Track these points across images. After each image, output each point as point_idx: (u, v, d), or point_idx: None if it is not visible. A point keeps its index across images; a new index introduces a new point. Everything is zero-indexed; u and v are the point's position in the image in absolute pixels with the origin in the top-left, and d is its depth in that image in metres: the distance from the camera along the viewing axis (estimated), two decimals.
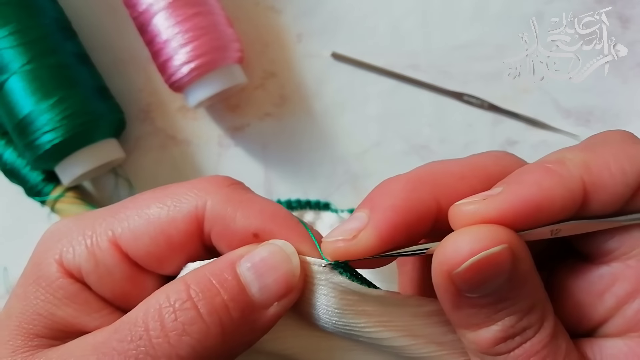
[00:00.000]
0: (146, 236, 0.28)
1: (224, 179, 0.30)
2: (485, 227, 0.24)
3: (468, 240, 0.24)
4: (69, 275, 0.28)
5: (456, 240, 0.24)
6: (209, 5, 0.51)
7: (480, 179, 0.27)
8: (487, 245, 0.24)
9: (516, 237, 0.24)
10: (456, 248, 0.24)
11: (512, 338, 0.25)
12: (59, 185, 0.53)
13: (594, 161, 0.25)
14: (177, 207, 0.28)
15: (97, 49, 0.54)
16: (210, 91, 0.50)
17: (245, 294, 0.26)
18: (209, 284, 0.26)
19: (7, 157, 0.53)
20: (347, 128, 0.55)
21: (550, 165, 0.26)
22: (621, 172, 0.25)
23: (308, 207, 0.53)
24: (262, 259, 0.27)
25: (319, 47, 0.55)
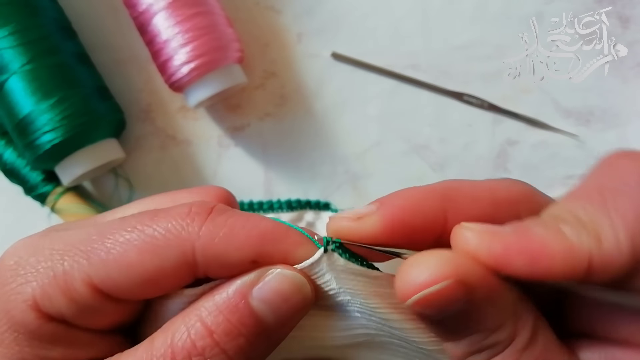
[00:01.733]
0: (130, 284, 0.27)
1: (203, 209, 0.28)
2: (434, 259, 0.25)
3: (416, 273, 0.24)
4: (50, 319, 0.27)
5: (407, 271, 0.25)
6: (209, 5, 0.51)
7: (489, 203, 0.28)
8: (433, 281, 0.24)
9: (471, 268, 0.25)
10: (405, 281, 0.25)
11: (479, 352, 0.26)
12: (59, 185, 0.53)
13: (606, 233, 0.24)
14: (162, 256, 0.27)
15: (97, 49, 0.54)
16: (210, 91, 0.50)
17: (263, 326, 0.27)
18: (230, 326, 0.26)
19: (7, 157, 0.53)
20: (347, 128, 0.55)
21: (565, 228, 0.25)
22: (631, 246, 0.24)
23: (308, 207, 0.53)
24: (275, 291, 0.27)
25: (319, 47, 0.55)
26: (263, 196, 0.54)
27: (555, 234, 0.25)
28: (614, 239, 0.24)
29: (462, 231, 0.26)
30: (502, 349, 0.25)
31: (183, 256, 0.27)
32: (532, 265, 0.24)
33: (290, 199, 0.53)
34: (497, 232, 0.25)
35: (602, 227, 0.24)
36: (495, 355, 0.26)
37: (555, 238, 0.25)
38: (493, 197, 0.28)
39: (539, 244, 0.24)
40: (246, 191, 0.54)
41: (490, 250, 0.25)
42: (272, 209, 0.52)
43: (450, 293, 0.24)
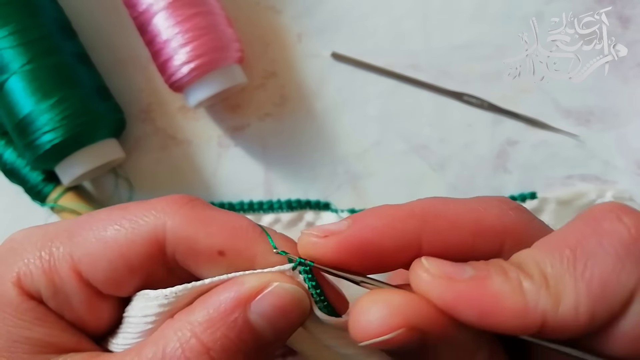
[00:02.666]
0: (105, 261, 0.28)
1: (181, 198, 0.29)
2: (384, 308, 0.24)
3: (366, 320, 0.24)
4: (31, 298, 0.28)
5: (358, 317, 0.25)
6: (209, 5, 0.51)
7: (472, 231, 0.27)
8: (383, 331, 0.24)
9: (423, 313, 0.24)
10: (357, 326, 0.25)
11: None
12: (59, 185, 0.53)
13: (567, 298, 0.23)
14: (135, 229, 0.28)
15: (97, 49, 0.54)
16: (210, 91, 0.50)
17: (261, 342, 0.26)
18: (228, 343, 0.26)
19: (7, 157, 0.53)
20: (347, 128, 0.55)
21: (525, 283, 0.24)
22: (589, 317, 0.23)
23: (308, 207, 0.53)
24: (274, 307, 0.26)
25: (319, 47, 0.55)
26: (263, 196, 0.54)
27: (513, 289, 0.24)
28: (573, 305, 0.23)
29: (418, 271, 0.26)
30: None
31: (154, 232, 0.27)
32: (481, 318, 0.24)
33: (290, 199, 0.53)
34: (452, 278, 0.25)
35: (564, 290, 0.24)
36: None
37: (512, 294, 0.24)
38: (477, 226, 0.27)
39: (492, 299, 0.24)
40: (246, 191, 0.54)
41: (441, 297, 0.25)
42: (272, 209, 0.53)
43: (402, 339, 0.24)
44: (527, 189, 0.53)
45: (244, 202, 0.53)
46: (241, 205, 0.53)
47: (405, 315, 0.24)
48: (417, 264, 0.26)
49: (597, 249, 0.24)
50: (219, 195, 0.54)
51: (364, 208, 0.52)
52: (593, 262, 0.24)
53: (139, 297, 0.29)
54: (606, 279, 0.23)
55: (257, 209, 0.53)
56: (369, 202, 0.54)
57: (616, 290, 0.23)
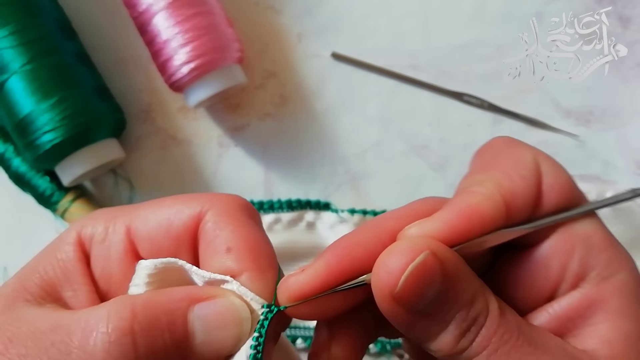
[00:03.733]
0: (153, 220, 0.30)
1: (240, 199, 0.31)
2: (404, 242, 0.27)
3: (395, 258, 0.26)
4: (79, 244, 0.30)
5: (385, 262, 0.26)
6: (209, 5, 0.51)
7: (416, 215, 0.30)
8: (412, 257, 0.26)
9: (435, 242, 0.27)
10: (387, 269, 0.26)
11: (468, 330, 0.27)
12: (69, 193, 0.53)
13: (501, 178, 0.29)
14: (188, 205, 0.30)
15: (97, 49, 0.54)
16: (210, 91, 0.50)
17: (187, 342, 0.26)
18: (156, 322, 0.26)
19: (16, 165, 0.53)
20: (347, 128, 0.55)
21: (471, 189, 0.29)
22: (522, 178, 0.29)
23: (308, 207, 0.53)
24: (216, 313, 0.27)
25: (319, 47, 0.55)
26: (263, 196, 0.54)
27: (468, 194, 0.29)
28: (509, 178, 0.29)
29: (405, 233, 0.28)
30: (484, 320, 0.27)
31: (199, 209, 0.30)
32: (470, 222, 0.27)
33: (290, 199, 0.53)
34: (430, 218, 0.28)
35: (497, 176, 0.29)
36: (480, 328, 0.27)
37: (471, 196, 0.28)
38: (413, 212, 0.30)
39: (466, 206, 0.28)
40: (246, 191, 0.54)
41: (436, 229, 0.27)
42: (272, 209, 0.53)
43: (430, 265, 0.26)
44: None
45: None
46: None
47: (425, 242, 0.26)
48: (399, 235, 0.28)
49: (495, 152, 0.33)
50: None
51: (364, 208, 0.52)
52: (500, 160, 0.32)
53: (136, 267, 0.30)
54: (513, 158, 0.31)
55: (257, 209, 0.52)
56: (369, 202, 0.54)
57: (524, 159, 0.31)
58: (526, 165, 0.30)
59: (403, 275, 0.25)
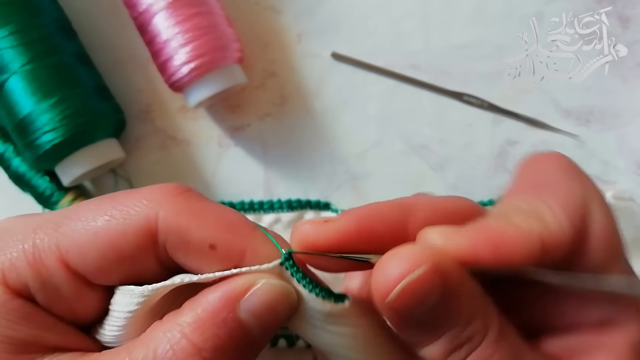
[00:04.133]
0: (94, 251, 0.27)
1: (175, 187, 0.28)
2: (408, 250, 0.25)
3: (395, 264, 0.25)
4: (18, 295, 0.27)
5: (384, 266, 0.25)
6: (209, 5, 0.51)
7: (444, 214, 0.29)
8: (412, 268, 0.25)
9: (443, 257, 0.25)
10: (385, 274, 0.25)
11: (460, 348, 0.26)
12: (69, 193, 0.53)
13: (548, 216, 0.27)
14: (127, 219, 0.27)
15: (97, 49, 0.54)
16: (210, 91, 0.50)
17: (250, 336, 0.27)
18: (219, 342, 0.26)
19: (16, 164, 0.53)
20: (347, 128, 0.55)
21: (514, 218, 0.27)
22: (571, 224, 0.27)
23: (308, 207, 0.53)
24: (263, 303, 0.27)
25: (319, 47, 0.55)
26: (263, 196, 0.54)
27: (508, 224, 0.27)
28: (556, 219, 0.27)
29: (428, 234, 0.27)
30: (479, 342, 0.26)
31: (146, 222, 0.27)
32: (497, 253, 0.26)
33: (290, 199, 0.53)
34: (459, 230, 0.27)
35: (543, 212, 0.27)
36: (473, 349, 0.26)
37: (510, 227, 0.27)
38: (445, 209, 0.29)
39: (499, 234, 0.26)
40: (246, 191, 0.54)
41: (458, 245, 0.26)
42: (272, 209, 0.52)
43: (428, 278, 0.25)
44: None
45: (244, 202, 0.53)
46: (241, 205, 0.53)
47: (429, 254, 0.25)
48: (424, 232, 0.27)
49: (547, 180, 0.29)
50: (219, 195, 0.54)
51: None
52: (551, 189, 0.29)
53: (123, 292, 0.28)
54: (564, 194, 0.28)
55: (257, 209, 0.53)
56: (369, 202, 0.53)
57: (575, 199, 0.28)
58: (576, 206, 0.28)
59: (399, 285, 0.25)
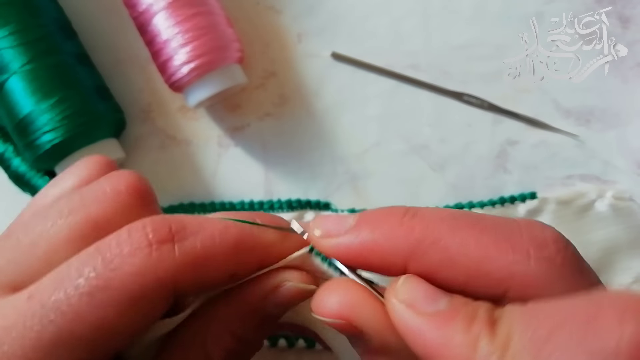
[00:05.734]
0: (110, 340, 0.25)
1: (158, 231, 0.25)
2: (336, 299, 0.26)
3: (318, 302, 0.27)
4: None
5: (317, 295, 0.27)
6: (209, 5, 0.51)
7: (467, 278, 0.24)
8: (326, 314, 0.26)
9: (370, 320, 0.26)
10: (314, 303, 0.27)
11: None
12: None
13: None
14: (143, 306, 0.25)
15: (97, 49, 0.54)
16: (210, 91, 0.50)
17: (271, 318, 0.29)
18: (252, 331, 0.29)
19: (16, 164, 0.53)
20: (347, 128, 0.55)
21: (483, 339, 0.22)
22: None
23: (308, 207, 0.53)
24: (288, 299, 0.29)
25: (319, 47, 0.55)
26: (263, 196, 0.54)
27: (467, 343, 0.22)
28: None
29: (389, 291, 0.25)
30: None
31: (165, 292, 0.25)
32: (424, 355, 0.23)
33: (290, 199, 0.53)
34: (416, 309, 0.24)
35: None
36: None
37: (463, 347, 0.22)
38: (476, 270, 0.24)
39: (441, 346, 0.22)
40: (246, 191, 0.54)
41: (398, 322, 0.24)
42: (272, 209, 0.53)
43: (341, 328, 0.26)
44: (527, 189, 0.53)
45: (244, 202, 0.53)
46: (241, 205, 0.53)
47: (353, 311, 0.26)
48: (393, 284, 0.25)
49: (575, 350, 0.20)
50: (219, 195, 0.54)
51: (364, 208, 0.52)
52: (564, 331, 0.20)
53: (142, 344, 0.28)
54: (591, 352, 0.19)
55: (257, 209, 0.53)
56: (369, 202, 0.54)
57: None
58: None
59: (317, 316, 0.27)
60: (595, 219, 0.51)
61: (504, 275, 0.24)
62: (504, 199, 0.51)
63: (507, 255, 0.24)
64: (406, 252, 0.25)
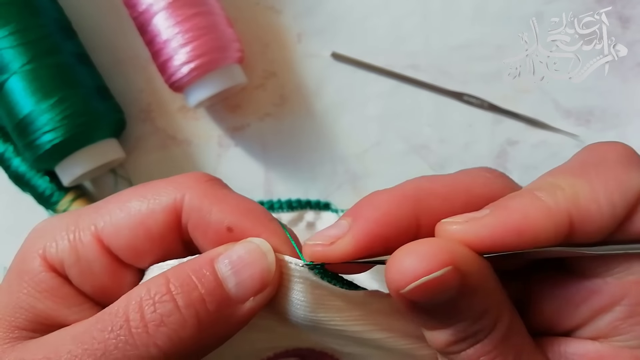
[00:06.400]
0: (126, 229, 0.29)
1: (203, 175, 0.31)
2: (429, 247, 0.25)
3: (411, 262, 0.24)
4: (51, 269, 0.29)
5: (400, 261, 0.25)
6: (209, 5, 0.51)
7: (463, 202, 0.28)
8: (429, 268, 0.24)
9: (464, 254, 0.25)
10: (400, 270, 0.25)
11: (463, 341, 0.26)
12: (69, 193, 0.52)
13: (584, 192, 0.25)
14: (157, 200, 0.29)
15: (97, 49, 0.54)
16: (210, 91, 0.50)
17: (221, 289, 0.27)
18: (188, 279, 0.27)
19: (16, 165, 0.53)
20: (347, 128, 0.55)
21: (539, 194, 0.26)
22: (610, 205, 0.25)
23: (308, 207, 0.53)
24: (239, 257, 0.28)
25: (319, 47, 0.55)
26: (263, 196, 0.54)
27: (532, 201, 0.26)
28: (593, 199, 0.25)
29: (446, 227, 0.26)
30: (483, 337, 0.26)
31: (173, 203, 0.29)
32: (520, 238, 0.25)
33: (290, 199, 0.53)
34: (474, 218, 0.26)
35: (581, 188, 0.25)
36: (475, 343, 0.26)
37: (533, 205, 0.25)
38: (467, 197, 0.28)
39: (521, 217, 0.25)
40: (246, 191, 0.53)
41: (477, 235, 0.25)
42: (272, 209, 0.53)
43: (446, 280, 0.24)
44: None
45: None
46: None
47: (450, 253, 0.24)
48: (441, 225, 0.27)
49: (603, 162, 0.27)
50: None
51: None
52: (604, 170, 0.26)
53: (152, 270, 0.30)
54: (618, 179, 0.25)
55: None
56: None
57: (630, 187, 0.25)
58: (626, 192, 0.25)
59: (415, 282, 0.24)
60: None
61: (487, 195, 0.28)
62: None
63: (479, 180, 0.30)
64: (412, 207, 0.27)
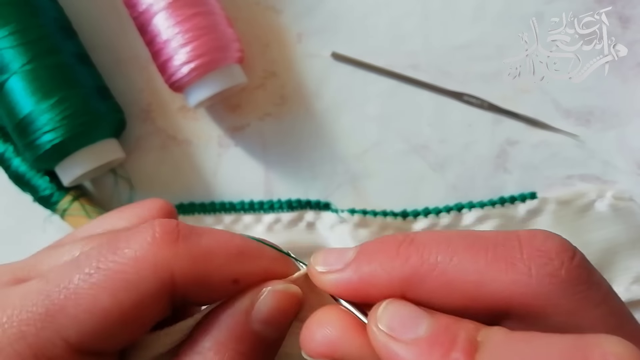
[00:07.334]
0: (110, 331, 0.25)
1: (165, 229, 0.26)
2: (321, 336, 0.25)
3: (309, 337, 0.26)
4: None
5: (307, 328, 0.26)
6: (209, 5, 0.51)
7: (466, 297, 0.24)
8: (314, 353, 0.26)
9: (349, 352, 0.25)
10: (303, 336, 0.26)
11: None
12: (69, 193, 0.52)
13: None
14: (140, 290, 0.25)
15: (97, 49, 0.54)
16: (210, 91, 0.50)
17: (266, 342, 0.27)
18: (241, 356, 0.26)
19: (16, 165, 0.53)
20: (347, 128, 0.55)
21: None
22: None
23: (308, 207, 0.53)
24: (270, 310, 0.27)
25: (319, 47, 0.55)
26: (263, 196, 0.54)
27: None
28: None
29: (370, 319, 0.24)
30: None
31: (162, 285, 0.25)
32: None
33: (290, 199, 0.53)
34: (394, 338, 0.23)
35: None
36: None
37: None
38: (477, 293, 0.24)
39: None
40: (246, 191, 0.54)
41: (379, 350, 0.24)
42: (272, 209, 0.53)
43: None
44: (527, 189, 0.53)
45: (244, 202, 0.53)
46: (241, 205, 0.53)
47: (336, 350, 0.25)
48: (375, 309, 0.25)
49: None
50: (219, 195, 0.55)
51: (364, 208, 0.52)
52: None
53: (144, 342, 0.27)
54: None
55: (257, 209, 0.53)
56: (369, 202, 0.54)
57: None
58: None
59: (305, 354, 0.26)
60: (595, 219, 0.51)
61: (505, 295, 0.23)
62: (504, 199, 0.52)
63: (506, 275, 0.23)
64: (403, 281, 0.25)
